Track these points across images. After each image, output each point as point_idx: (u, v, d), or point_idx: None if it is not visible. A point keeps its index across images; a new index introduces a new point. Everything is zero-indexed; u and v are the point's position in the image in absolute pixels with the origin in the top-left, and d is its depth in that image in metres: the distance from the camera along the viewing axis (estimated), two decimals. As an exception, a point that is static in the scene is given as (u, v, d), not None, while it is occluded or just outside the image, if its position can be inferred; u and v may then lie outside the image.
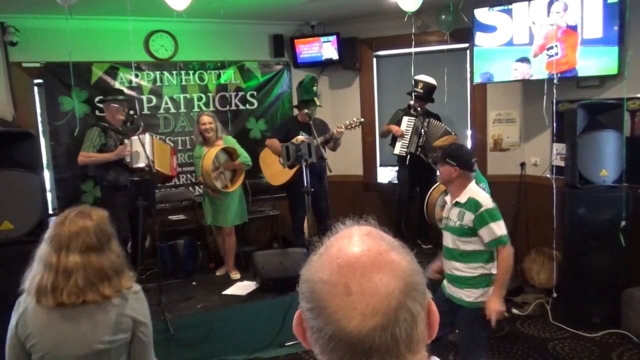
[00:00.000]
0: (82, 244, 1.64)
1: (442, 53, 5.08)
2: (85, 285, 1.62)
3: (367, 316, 0.63)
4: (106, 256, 1.68)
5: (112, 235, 1.74)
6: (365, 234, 0.72)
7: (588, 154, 3.92)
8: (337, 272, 0.67)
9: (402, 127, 4.82)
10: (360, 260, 0.67)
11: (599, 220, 3.87)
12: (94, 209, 1.77)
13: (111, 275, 1.67)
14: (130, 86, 4.86)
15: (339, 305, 0.65)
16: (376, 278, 0.65)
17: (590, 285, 3.96)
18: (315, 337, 0.68)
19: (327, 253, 0.70)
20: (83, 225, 1.66)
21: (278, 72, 5.55)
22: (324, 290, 0.66)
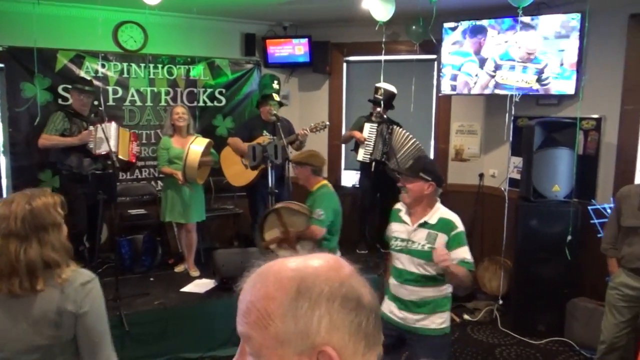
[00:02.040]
0: (5, 228, 1.53)
1: (411, 63, 5.20)
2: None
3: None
4: (29, 249, 1.53)
5: (51, 225, 1.58)
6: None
7: (542, 169, 4.09)
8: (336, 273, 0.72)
9: (364, 134, 4.89)
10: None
11: (549, 233, 4.05)
12: (44, 193, 1.64)
13: (22, 273, 1.52)
14: (96, 76, 4.77)
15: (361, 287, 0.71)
16: None
17: (537, 294, 4.14)
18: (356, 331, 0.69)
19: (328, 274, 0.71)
20: (14, 209, 1.54)
21: (248, 71, 5.55)
22: (352, 286, 0.71)
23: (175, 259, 4.80)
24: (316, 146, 5.46)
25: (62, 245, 1.60)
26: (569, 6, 4.15)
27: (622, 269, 3.09)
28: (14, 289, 1.51)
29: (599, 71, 4.12)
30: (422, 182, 2.52)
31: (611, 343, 3.15)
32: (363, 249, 5.13)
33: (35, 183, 4.59)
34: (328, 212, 3.32)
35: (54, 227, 1.59)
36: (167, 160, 4.32)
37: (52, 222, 1.59)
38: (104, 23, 4.67)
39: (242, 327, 0.69)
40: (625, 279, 3.06)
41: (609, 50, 4.06)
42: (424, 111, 5.39)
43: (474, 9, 4.62)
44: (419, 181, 2.53)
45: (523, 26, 4.23)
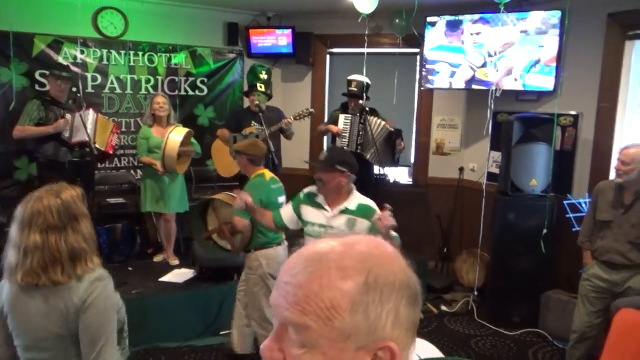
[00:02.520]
0: (42, 223, 1.62)
1: (394, 56, 5.22)
2: (38, 267, 1.61)
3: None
4: (68, 238, 1.64)
5: (80, 216, 1.68)
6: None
7: (520, 164, 4.16)
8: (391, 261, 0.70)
9: (339, 126, 4.86)
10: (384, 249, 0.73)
11: (525, 227, 4.12)
12: (67, 187, 1.73)
13: (65, 260, 1.62)
14: (74, 62, 4.68)
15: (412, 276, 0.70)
16: None
17: (513, 286, 4.22)
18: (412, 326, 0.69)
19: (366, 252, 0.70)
20: (47, 203, 1.64)
21: (230, 61, 5.50)
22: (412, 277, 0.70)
23: (154, 248, 4.77)
24: (298, 137, 5.48)
25: (90, 235, 1.70)
26: (549, 3, 4.21)
27: (595, 261, 3.18)
28: (57, 277, 1.61)
29: (577, 69, 4.20)
30: (338, 173, 2.56)
31: (582, 332, 3.23)
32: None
33: (11, 170, 4.51)
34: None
35: (82, 217, 1.69)
36: (146, 150, 4.28)
37: (82, 213, 1.69)
38: (83, 8, 4.58)
39: (294, 315, 0.65)
40: (597, 271, 3.14)
41: (587, 48, 4.13)
42: (406, 105, 5.42)
43: (457, 4, 4.66)
44: (335, 173, 2.56)
45: (504, 22, 4.28)
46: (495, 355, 3.88)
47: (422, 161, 5.45)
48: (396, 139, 4.71)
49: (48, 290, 1.63)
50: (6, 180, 4.51)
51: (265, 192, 3.16)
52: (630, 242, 2.94)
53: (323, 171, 2.60)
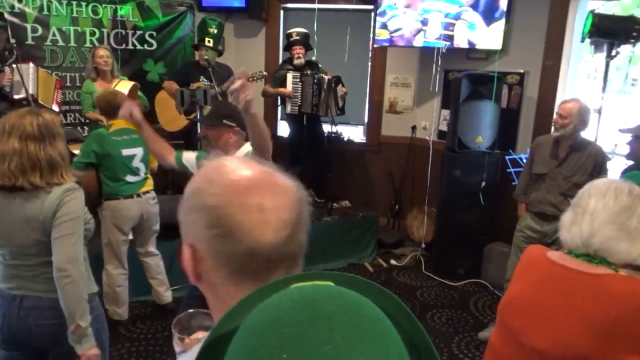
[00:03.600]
0: (22, 132, 1.79)
1: (347, 13, 5.16)
2: (17, 170, 1.77)
3: (279, 229, 0.71)
4: (45, 149, 1.80)
5: (58, 136, 1.85)
6: (247, 161, 0.79)
7: (468, 121, 4.26)
8: (246, 193, 0.72)
9: (288, 86, 4.80)
10: (262, 179, 0.74)
11: (470, 182, 4.26)
12: (48, 110, 1.99)
13: (44, 167, 1.80)
14: (12, 12, 4.43)
15: (253, 223, 0.70)
16: (280, 193, 0.73)
17: (458, 240, 4.39)
18: (224, 261, 0.72)
19: (221, 180, 0.74)
20: (30, 119, 1.81)
21: (181, 14, 5.32)
22: (238, 211, 0.71)
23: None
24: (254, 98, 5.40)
25: (65, 155, 1.88)
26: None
27: (528, 213, 3.33)
28: (36, 181, 1.79)
29: (525, 28, 4.27)
30: (225, 129, 2.38)
31: (516, 281, 3.41)
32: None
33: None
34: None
35: (59, 137, 1.86)
36: (91, 105, 4.14)
37: (58, 133, 1.86)
38: (19, -47, 4.32)
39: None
40: (529, 222, 3.30)
41: (534, 7, 4.19)
42: (359, 63, 5.41)
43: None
44: (221, 129, 2.39)
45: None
46: (438, 304, 4.07)
47: (375, 120, 5.49)
48: (336, 85, 4.70)
49: (25, 200, 1.81)
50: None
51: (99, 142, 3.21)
52: (562, 194, 3.08)
53: (209, 128, 2.42)
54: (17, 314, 1.89)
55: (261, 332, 0.45)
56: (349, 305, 0.47)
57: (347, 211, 5.05)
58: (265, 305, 0.48)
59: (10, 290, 1.90)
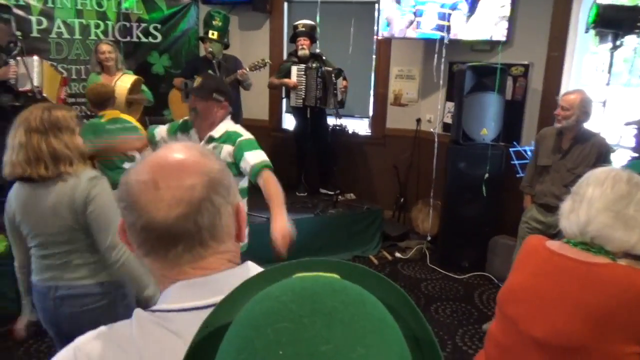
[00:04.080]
0: (27, 126, 1.86)
1: (351, 4, 5.14)
2: (23, 161, 1.85)
3: (172, 206, 0.74)
4: (49, 141, 1.86)
5: (66, 129, 1.89)
6: (184, 146, 0.81)
7: (472, 113, 4.23)
8: (149, 172, 0.76)
9: (292, 78, 4.80)
10: (169, 161, 0.77)
11: (475, 175, 4.24)
12: (62, 107, 2.01)
13: (47, 159, 1.85)
14: (17, 4, 4.45)
15: (149, 199, 0.74)
16: (183, 174, 0.75)
17: (463, 233, 4.38)
18: (131, 232, 0.77)
19: (146, 160, 0.79)
20: (36, 113, 1.88)
21: (185, 7, 5.32)
22: (137, 188, 0.75)
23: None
24: (256, 88, 5.41)
25: (75, 147, 1.91)
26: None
27: (534, 205, 3.32)
28: (41, 172, 1.85)
29: (529, 19, 4.23)
30: (215, 102, 2.41)
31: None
32: (302, 192, 5.21)
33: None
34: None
35: (67, 130, 1.90)
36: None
37: (66, 126, 1.90)
38: (24, -54, 4.34)
39: None
40: (534, 213, 3.29)
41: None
42: (363, 55, 5.39)
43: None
44: (211, 102, 2.40)
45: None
46: (443, 296, 4.07)
47: (380, 112, 5.48)
48: (337, 78, 4.70)
49: (48, 190, 1.88)
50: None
51: (93, 131, 3.22)
52: (566, 186, 3.03)
53: (199, 100, 2.41)
54: (52, 305, 1.95)
55: (258, 325, 0.43)
56: (352, 302, 0.45)
57: (352, 204, 5.05)
58: (264, 294, 0.47)
59: (44, 282, 1.96)
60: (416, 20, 4.51)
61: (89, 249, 1.95)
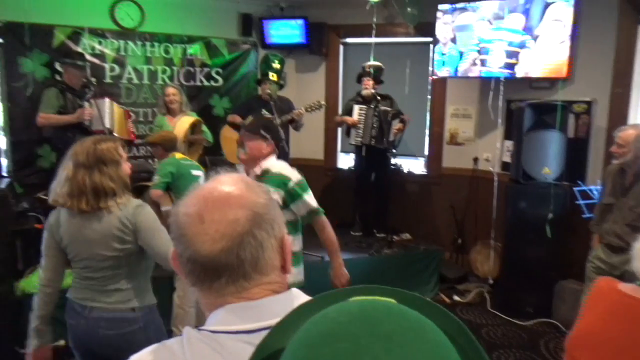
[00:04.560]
0: (76, 161, 1.96)
1: (406, 45, 5.20)
2: (66, 194, 1.94)
3: (216, 240, 0.76)
4: (93, 176, 1.95)
5: (110, 161, 1.98)
6: (231, 179, 0.84)
7: (532, 152, 4.11)
8: (195, 205, 0.79)
9: (354, 117, 4.87)
10: (214, 195, 0.80)
11: (537, 215, 4.06)
12: (110, 139, 2.11)
13: (89, 193, 1.94)
14: (93, 53, 4.82)
15: (194, 232, 0.77)
16: (227, 208, 0.78)
17: (526, 276, 4.18)
18: (180, 261, 0.81)
19: (194, 192, 0.82)
20: (86, 146, 1.98)
21: (245, 52, 5.57)
22: (184, 220, 0.79)
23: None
24: (312, 128, 5.53)
25: (119, 178, 2.00)
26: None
27: (600, 244, 3.15)
28: (82, 206, 1.94)
29: (590, 55, 4.12)
30: (262, 140, 2.51)
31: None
32: (357, 231, 5.17)
33: (34, 158, 4.67)
34: (161, 175, 3.56)
35: (112, 163, 1.99)
36: (161, 137, 4.38)
37: (111, 159, 1.99)
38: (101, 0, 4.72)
39: None
40: (599, 253, 3.13)
41: (600, 34, 4.05)
42: (419, 94, 5.40)
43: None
44: (258, 139, 2.51)
45: (514, 8, 4.22)
46: (505, 343, 3.86)
47: (436, 152, 5.42)
48: (393, 119, 4.70)
49: (97, 219, 1.98)
50: (29, 168, 4.66)
51: (176, 165, 3.58)
52: (628, 225, 2.91)
53: (247, 136, 2.55)
54: (85, 323, 2.02)
55: (315, 344, 0.42)
56: (411, 326, 0.44)
57: (408, 244, 4.96)
58: (321, 316, 0.46)
59: (80, 301, 2.05)
60: (480, 58, 4.49)
61: (128, 276, 2.05)
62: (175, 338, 0.81)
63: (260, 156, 2.52)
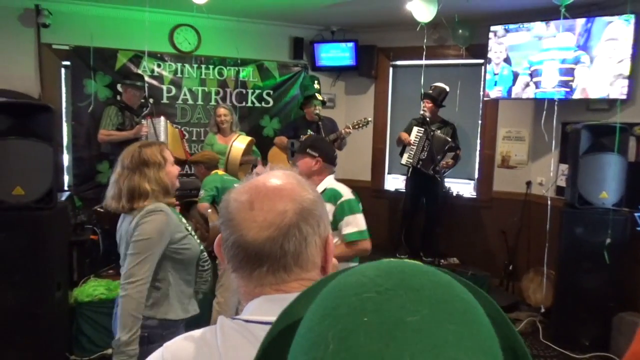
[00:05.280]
0: (122, 164, 2.05)
1: (458, 67, 5.16)
2: (111, 196, 2.04)
3: (263, 228, 0.78)
4: (133, 178, 2.01)
5: (152, 164, 2.04)
6: (283, 173, 0.86)
7: (589, 175, 3.93)
8: (247, 193, 0.81)
9: (411, 137, 4.87)
10: (267, 185, 0.82)
11: (594, 242, 3.87)
12: (153, 143, 2.18)
13: (124, 195, 2.01)
14: (152, 75, 5.06)
15: (243, 217, 0.79)
16: (277, 199, 0.80)
17: (582, 306, 3.96)
18: (224, 246, 0.83)
19: (248, 182, 0.85)
20: (132, 149, 2.07)
21: (296, 74, 5.69)
22: (234, 206, 0.81)
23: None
24: (360, 148, 5.54)
25: (157, 180, 2.04)
26: (621, 7, 4.00)
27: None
28: (119, 207, 2.02)
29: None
30: (309, 158, 2.58)
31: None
32: (403, 254, 5.09)
33: (94, 173, 4.91)
34: (207, 189, 3.71)
35: (154, 165, 2.05)
36: (212, 156, 4.52)
37: (154, 161, 2.05)
38: (162, 25, 5.00)
39: None
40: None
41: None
42: (469, 116, 5.32)
43: (520, 12, 4.54)
44: (306, 157, 2.59)
45: (569, 27, 4.11)
46: (559, 377, 3.65)
47: (486, 175, 5.29)
48: (449, 151, 4.64)
49: (125, 220, 2.06)
50: (89, 183, 4.92)
51: (220, 181, 3.71)
52: None
53: (297, 155, 2.68)
54: (114, 316, 2.08)
55: (342, 294, 0.41)
56: (441, 282, 0.42)
57: (456, 269, 4.82)
58: (348, 272, 0.45)
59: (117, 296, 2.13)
60: (534, 79, 4.39)
61: None
62: (208, 327, 0.82)
63: (310, 172, 2.57)
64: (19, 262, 3.09)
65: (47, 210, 3.17)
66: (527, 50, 4.44)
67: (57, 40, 4.72)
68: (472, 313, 0.41)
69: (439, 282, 0.42)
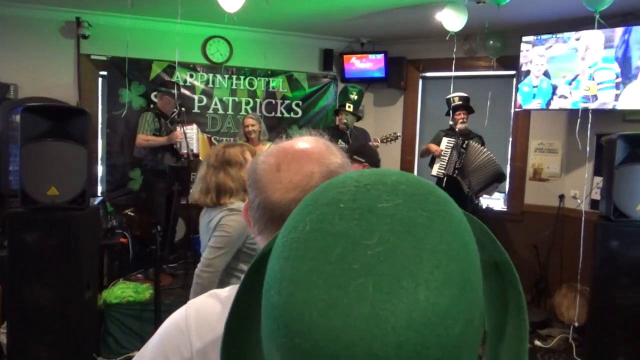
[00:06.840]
0: (208, 162, 2.26)
1: (488, 79, 5.10)
2: (199, 191, 2.24)
3: (289, 190, 0.78)
4: (219, 176, 2.21)
5: (234, 163, 2.23)
6: (312, 138, 0.86)
7: (625, 187, 3.80)
8: (275, 155, 0.82)
9: (441, 147, 4.82)
10: (295, 148, 0.82)
11: (631, 256, 3.72)
12: (236, 145, 2.38)
13: (212, 190, 2.20)
14: (184, 85, 5.19)
15: (269, 179, 0.80)
16: (304, 161, 0.80)
17: (618, 323, 3.79)
18: (251, 208, 0.84)
19: (277, 145, 0.85)
20: (217, 149, 2.29)
21: (325, 85, 5.73)
22: (261, 168, 0.82)
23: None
24: (388, 160, 5.51)
25: (239, 179, 2.23)
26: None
27: None
28: (208, 201, 2.22)
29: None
30: (357, 164, 2.64)
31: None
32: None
33: (126, 180, 5.03)
34: None
35: (236, 164, 2.24)
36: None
37: (236, 161, 2.24)
38: (195, 37, 5.13)
39: None
40: None
41: None
42: (500, 128, 5.24)
43: (553, 21, 4.48)
44: (354, 164, 2.62)
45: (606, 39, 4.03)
46: (593, 396, 3.50)
47: (517, 187, 5.18)
48: (495, 181, 4.56)
49: (211, 214, 2.23)
50: (121, 189, 5.04)
51: None
52: None
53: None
54: None
55: (325, 190, 0.45)
56: (418, 183, 0.44)
57: (485, 283, 4.70)
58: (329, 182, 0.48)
59: None
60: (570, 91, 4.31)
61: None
62: (234, 286, 0.83)
63: None
64: (50, 262, 3.16)
65: (79, 211, 3.25)
66: (564, 62, 4.35)
67: (95, 51, 4.90)
68: (445, 205, 0.43)
69: (416, 182, 0.44)
